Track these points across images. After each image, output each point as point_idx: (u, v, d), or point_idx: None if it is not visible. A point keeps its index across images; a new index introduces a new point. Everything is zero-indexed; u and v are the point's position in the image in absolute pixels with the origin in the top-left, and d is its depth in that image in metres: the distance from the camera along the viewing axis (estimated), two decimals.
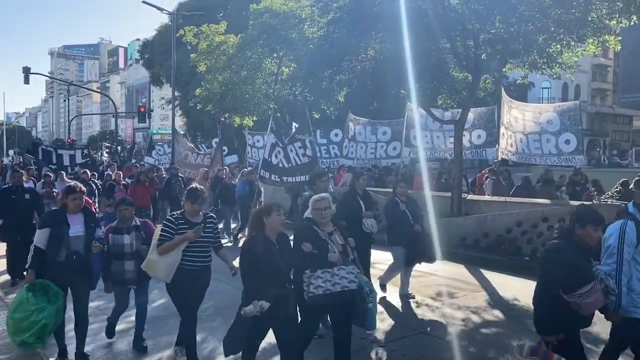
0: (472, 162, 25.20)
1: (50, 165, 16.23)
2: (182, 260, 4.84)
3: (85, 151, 19.66)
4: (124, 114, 78.33)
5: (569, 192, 12.09)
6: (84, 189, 5.17)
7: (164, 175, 15.26)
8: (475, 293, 7.89)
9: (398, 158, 16.21)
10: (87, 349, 5.28)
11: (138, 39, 74.75)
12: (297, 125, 18.93)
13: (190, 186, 5.29)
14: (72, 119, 58.27)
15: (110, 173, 15.69)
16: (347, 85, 13.90)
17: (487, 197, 12.17)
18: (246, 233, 10.31)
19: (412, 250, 7.21)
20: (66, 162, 17.48)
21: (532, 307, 3.96)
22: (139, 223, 5.49)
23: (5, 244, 8.59)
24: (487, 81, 13.51)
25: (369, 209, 7.02)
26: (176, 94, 27.33)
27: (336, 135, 18.22)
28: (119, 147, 40.75)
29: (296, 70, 16.28)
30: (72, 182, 5.57)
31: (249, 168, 13.69)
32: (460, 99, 12.61)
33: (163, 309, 6.69)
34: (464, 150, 13.05)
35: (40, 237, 4.92)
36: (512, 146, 12.96)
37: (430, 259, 7.41)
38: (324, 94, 15.19)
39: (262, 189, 12.35)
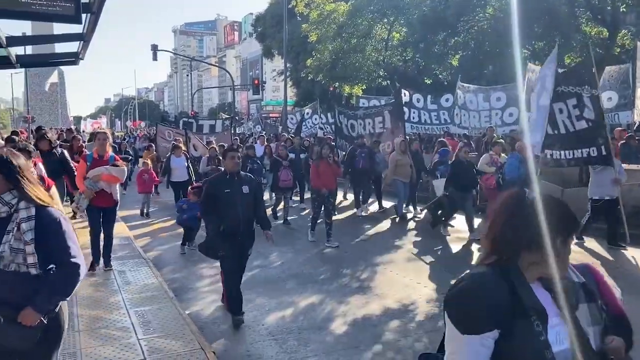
0: None
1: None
2: None
3: (227, 122, 18.92)
4: (239, 87, 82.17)
5: None
6: None
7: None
8: (610, 270, 7.22)
9: (516, 125, 15.18)
10: None
11: (251, 14, 77.39)
12: (406, 93, 18.52)
13: None
14: (195, 92, 62.31)
15: (269, 145, 13.44)
16: (462, 48, 13.23)
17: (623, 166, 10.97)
18: None
19: None
20: (206, 131, 17.13)
21: None
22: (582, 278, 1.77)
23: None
24: (626, 37, 12.04)
25: None
26: (287, 65, 27.92)
27: (447, 100, 17.44)
28: (236, 118, 42.75)
29: (407, 35, 15.81)
30: None
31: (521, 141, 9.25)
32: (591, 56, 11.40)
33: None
34: None
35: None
36: None
37: None
38: (437, 58, 14.62)
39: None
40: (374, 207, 11.97)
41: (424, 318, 5.47)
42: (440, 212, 9.30)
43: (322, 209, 8.88)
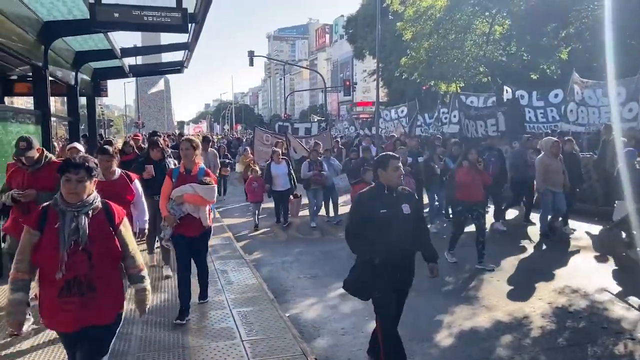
0: None
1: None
2: None
3: (323, 124, 17.95)
4: (330, 89, 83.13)
5: None
6: None
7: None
8: None
9: (635, 121, 13.76)
10: None
11: (342, 16, 77.95)
12: (509, 89, 17.53)
13: None
14: (287, 95, 63.92)
15: (381, 147, 12.00)
16: (574, 40, 12.17)
17: None
18: None
19: None
20: (302, 133, 16.45)
21: None
22: None
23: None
24: None
25: None
26: (379, 65, 27.58)
27: (556, 96, 16.20)
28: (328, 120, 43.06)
29: (512, 28, 14.87)
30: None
31: None
32: None
33: None
34: None
35: None
36: None
37: None
38: (544, 51, 13.59)
39: None
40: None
41: (539, 334, 5.01)
42: (627, 234, 7.49)
43: (464, 224, 7.71)
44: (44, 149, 5.11)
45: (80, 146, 6.79)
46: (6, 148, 6.71)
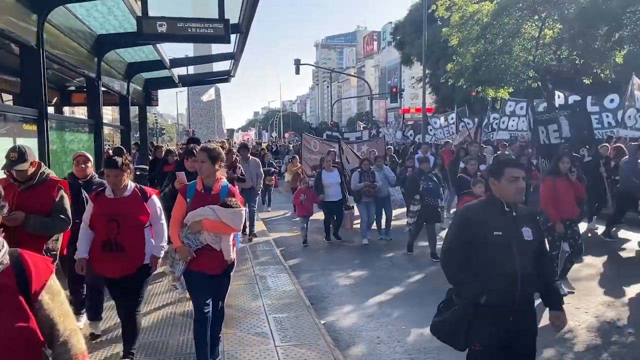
0: None
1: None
2: None
3: (374, 131, 17.00)
4: (377, 96, 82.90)
5: None
6: None
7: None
8: None
9: None
10: None
11: (390, 22, 77.74)
12: (561, 94, 16.92)
13: None
14: (334, 103, 64.19)
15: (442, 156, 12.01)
16: (629, 43, 11.62)
17: None
18: None
19: None
20: (352, 140, 15.70)
21: None
22: None
23: None
24: None
25: None
26: (426, 71, 27.29)
27: (611, 101, 15.48)
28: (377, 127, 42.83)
29: (562, 31, 14.37)
30: None
31: None
32: None
33: None
34: None
35: None
36: None
37: None
38: (597, 55, 13.05)
39: None
40: None
41: (583, 349, 4.78)
42: None
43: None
44: (41, 163, 4.26)
45: (89, 154, 5.25)
46: (61, 157, 7.09)
